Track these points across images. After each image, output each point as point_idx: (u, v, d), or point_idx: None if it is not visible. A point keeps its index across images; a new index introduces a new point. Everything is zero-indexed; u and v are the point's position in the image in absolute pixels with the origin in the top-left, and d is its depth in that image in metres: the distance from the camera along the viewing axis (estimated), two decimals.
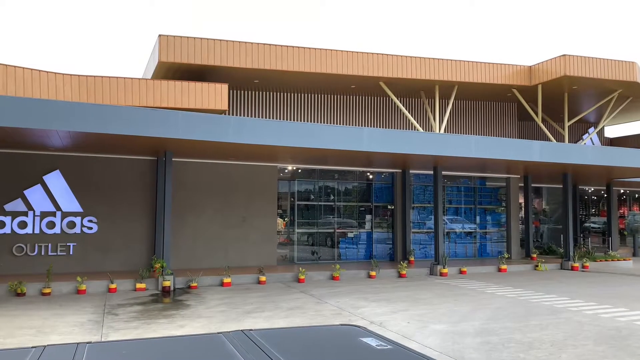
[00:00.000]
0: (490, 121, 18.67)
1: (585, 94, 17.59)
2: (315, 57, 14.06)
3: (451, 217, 18.15)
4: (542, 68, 15.94)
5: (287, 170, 15.65)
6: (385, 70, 14.70)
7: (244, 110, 15.64)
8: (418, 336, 7.00)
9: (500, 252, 17.78)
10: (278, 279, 12.60)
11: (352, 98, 16.87)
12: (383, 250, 16.87)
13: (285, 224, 15.98)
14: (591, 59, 15.54)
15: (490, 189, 18.76)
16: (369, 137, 11.55)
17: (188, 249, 13.51)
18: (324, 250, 16.11)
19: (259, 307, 9.09)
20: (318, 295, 10.40)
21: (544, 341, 6.79)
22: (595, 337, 7.06)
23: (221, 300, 9.80)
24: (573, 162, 13.83)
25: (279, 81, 14.95)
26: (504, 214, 18.55)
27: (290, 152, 12.25)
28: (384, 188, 17.05)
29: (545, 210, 22.52)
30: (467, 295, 10.78)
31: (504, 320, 8.09)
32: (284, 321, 7.89)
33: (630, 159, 14.57)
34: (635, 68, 16.16)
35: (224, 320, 7.95)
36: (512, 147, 13.21)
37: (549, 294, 10.95)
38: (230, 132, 10.17)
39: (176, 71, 13.80)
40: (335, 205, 16.36)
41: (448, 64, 15.31)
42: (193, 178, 13.79)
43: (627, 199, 25.01)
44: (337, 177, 16.47)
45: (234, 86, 15.20)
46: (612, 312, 8.87)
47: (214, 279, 11.95)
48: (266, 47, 13.62)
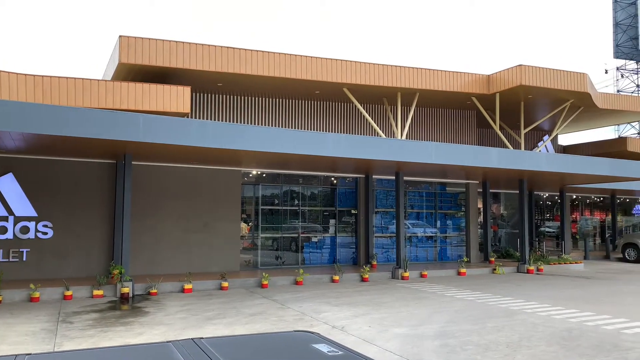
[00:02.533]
0: (451, 128, 19.13)
1: (540, 103, 18.26)
2: (280, 61, 14.07)
3: (413, 221, 18.47)
4: (500, 77, 16.46)
5: (251, 174, 15.56)
6: (349, 77, 14.85)
7: (207, 113, 15.47)
8: (379, 340, 7.09)
9: (459, 255, 18.18)
10: (241, 284, 12.49)
11: (316, 103, 16.96)
12: (347, 254, 16.98)
13: (250, 229, 15.88)
14: (545, 69, 16.14)
15: (450, 194, 19.19)
16: (333, 142, 11.64)
17: (149, 255, 13.23)
18: (288, 254, 16.09)
19: (220, 314, 8.99)
20: (281, 301, 10.38)
21: (500, 343, 6.99)
22: (548, 338, 7.32)
23: (181, 307, 9.64)
24: (528, 168, 14.32)
25: (243, 85, 14.87)
26: (464, 219, 19.01)
27: (254, 156, 12.19)
28: (348, 193, 17.19)
29: (503, 215, 23.21)
30: (428, 298, 10.98)
31: (462, 323, 8.28)
32: (244, 327, 7.83)
33: (582, 166, 15.20)
34: (586, 79, 16.89)
35: (184, 327, 7.82)
36: (470, 154, 13.56)
37: (505, 296, 11.28)
38: (193, 135, 10.05)
39: (137, 73, 13.53)
40: (299, 209, 16.37)
41: (410, 72, 15.60)
42: (154, 182, 13.53)
43: (579, 205, 26.05)
44: (301, 181, 16.50)
45: (197, 89, 15.02)
46: (564, 314, 9.22)
47: (175, 285, 11.74)
48: (230, 50, 13.53)
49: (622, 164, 15.80)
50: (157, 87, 12.48)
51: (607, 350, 6.67)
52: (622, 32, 41.95)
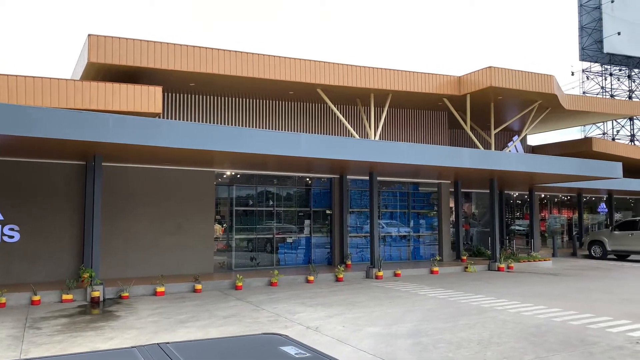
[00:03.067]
0: (423, 129, 19.37)
1: (510, 104, 18.66)
2: (253, 62, 14.00)
3: (387, 221, 18.63)
4: (470, 79, 16.76)
5: (225, 175, 15.44)
6: (323, 78, 14.89)
7: (179, 114, 15.29)
8: (353, 340, 7.13)
9: (432, 254, 18.43)
10: (215, 286, 12.39)
11: (290, 104, 16.94)
12: (321, 254, 17.02)
13: (224, 230, 15.76)
14: (514, 71, 16.51)
15: (423, 194, 19.44)
16: (307, 143, 11.65)
17: (120, 258, 13.00)
18: (263, 256, 16.03)
19: (193, 316, 8.90)
20: (255, 302, 10.33)
21: (471, 340, 7.12)
22: (518, 334, 7.48)
23: (154, 310, 9.51)
24: (499, 168, 14.62)
25: (216, 85, 14.75)
26: (436, 218, 19.27)
27: (227, 157, 12.12)
28: (323, 193, 17.22)
29: (474, 214, 23.62)
30: (401, 297, 11.09)
31: (435, 321, 8.40)
32: (218, 330, 7.78)
33: (550, 165, 15.60)
34: (553, 81, 17.33)
35: (156, 331, 7.72)
36: (442, 154, 13.77)
37: (477, 294, 11.48)
38: (164, 136, 9.92)
39: (107, 72, 13.28)
40: (274, 210, 16.33)
41: (382, 73, 15.73)
42: (125, 183, 13.31)
43: (548, 203, 26.72)
44: (276, 182, 16.46)
45: (169, 89, 14.83)
46: (533, 310, 9.44)
47: (147, 288, 11.57)
48: (202, 50, 13.40)
49: (587, 164, 16.27)
50: (127, 87, 12.27)
51: (573, 345, 6.86)
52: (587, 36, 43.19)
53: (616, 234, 20.82)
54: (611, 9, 41.91)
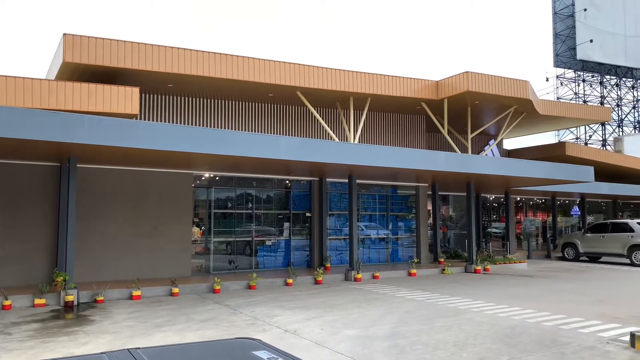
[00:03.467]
0: (401, 132, 19.54)
1: (486, 109, 18.95)
2: (232, 63, 13.93)
3: (366, 223, 18.73)
4: (448, 83, 16.98)
5: (203, 177, 15.33)
6: (302, 81, 14.89)
7: (157, 115, 15.12)
8: (331, 342, 7.15)
9: (410, 256, 18.58)
10: (192, 290, 12.27)
11: (270, 106, 16.91)
12: (301, 257, 17.01)
13: (202, 233, 15.62)
14: (490, 76, 16.79)
15: (401, 196, 19.60)
16: (286, 145, 11.65)
17: (95, 261, 12.78)
18: (242, 259, 15.93)
19: (170, 320, 8.80)
20: (233, 306, 10.27)
21: (448, 342, 7.21)
22: (493, 335, 7.60)
23: (129, 314, 9.37)
24: (475, 171, 14.85)
25: (195, 86, 14.63)
26: (414, 221, 19.45)
27: (205, 159, 12.03)
28: (302, 196, 17.22)
29: (451, 216, 23.91)
30: (379, 299, 11.16)
31: (412, 323, 8.48)
32: (195, 334, 7.71)
33: (525, 169, 15.90)
34: (528, 86, 17.68)
35: (131, 335, 7.61)
36: (420, 157, 13.91)
37: (454, 296, 11.62)
38: (141, 137, 9.80)
39: (83, 73, 13.05)
40: (253, 213, 16.26)
41: (362, 77, 15.83)
42: (101, 185, 13.10)
43: (523, 206, 27.21)
44: (255, 184, 16.40)
45: (147, 90, 14.65)
46: (508, 312, 9.60)
47: (123, 291, 11.39)
48: (180, 51, 13.28)
49: (561, 168, 16.64)
50: (103, 87, 12.09)
51: (546, 345, 7.00)
52: (562, 43, 44.19)
53: (588, 236, 21.30)
54: (584, 17, 42.97)
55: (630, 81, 47.39)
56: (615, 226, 20.50)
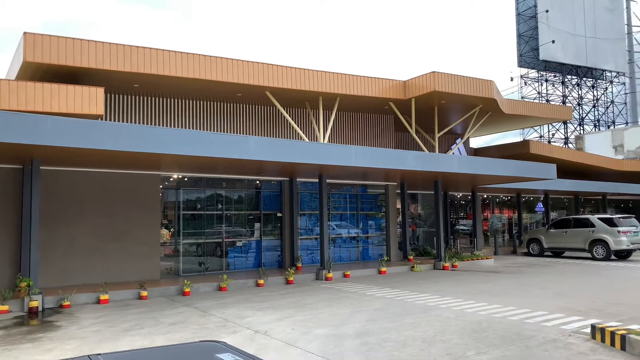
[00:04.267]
0: (370, 132, 19.72)
1: (452, 108, 19.31)
2: (200, 63, 13.78)
3: (337, 222, 18.83)
4: (415, 83, 17.22)
5: (172, 178, 15.13)
6: (271, 80, 14.85)
7: (123, 115, 14.83)
8: (301, 342, 7.18)
9: (381, 254, 18.79)
10: (161, 293, 12.11)
11: (238, 106, 16.80)
12: (272, 257, 16.97)
13: (171, 235, 15.42)
14: (456, 76, 17.11)
15: (371, 195, 19.79)
16: (256, 145, 11.60)
17: (60, 265, 12.47)
18: (212, 260, 15.80)
19: (138, 324, 8.67)
20: (203, 308, 10.19)
21: (416, 338, 7.33)
22: (461, 331, 7.77)
23: (96, 319, 9.19)
24: (442, 170, 15.11)
25: (161, 86, 14.41)
26: (384, 219, 19.66)
27: (173, 160, 11.88)
28: (273, 196, 17.19)
29: (420, 214, 24.26)
30: (350, 298, 11.25)
31: (382, 321, 8.59)
32: (164, 337, 7.62)
33: (490, 167, 16.27)
34: (493, 86, 18.10)
35: (99, 341, 7.47)
36: (388, 157, 14.08)
37: (422, 293, 11.81)
38: (106, 138, 9.61)
39: (45, 72, 12.69)
40: (223, 214, 16.14)
41: (330, 77, 15.89)
42: (66, 187, 12.78)
43: (490, 203, 27.83)
44: (225, 185, 16.28)
45: (112, 90, 14.36)
46: (475, 307, 9.82)
47: (90, 296, 11.16)
48: (146, 50, 13.06)
49: (525, 166, 17.10)
50: (67, 87, 11.78)
51: (511, 339, 7.20)
52: (525, 43, 45.36)
53: (552, 232, 21.96)
54: (546, 18, 44.22)
55: (590, 81, 49.03)
56: (578, 222, 21.19)
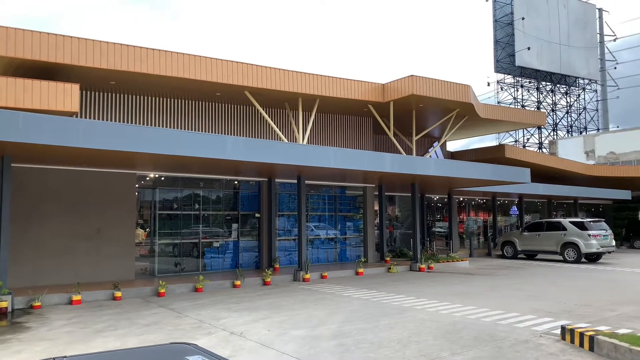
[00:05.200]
0: (349, 134, 19.81)
1: (430, 111, 19.53)
2: (178, 61, 13.65)
3: (315, 223, 18.85)
4: (393, 86, 17.36)
5: (148, 178, 14.93)
6: (251, 80, 14.79)
7: (99, 113, 14.58)
8: (277, 343, 7.16)
9: (358, 256, 18.88)
10: (136, 293, 11.94)
11: (217, 105, 16.68)
12: (249, 258, 16.89)
13: (147, 235, 15.21)
14: (434, 80, 17.31)
15: (349, 197, 19.87)
16: (233, 145, 11.53)
17: (31, 265, 12.19)
18: (189, 261, 15.63)
19: (111, 325, 8.53)
20: (178, 309, 10.08)
21: (392, 339, 7.39)
22: (435, 332, 7.86)
23: (68, 320, 9.01)
24: (419, 173, 15.27)
25: (139, 84, 14.22)
26: (362, 221, 19.76)
27: (149, 159, 11.73)
28: (251, 196, 17.11)
29: (398, 216, 24.45)
30: (326, 299, 11.27)
31: (358, 322, 8.63)
32: (138, 338, 7.51)
33: (466, 170, 16.51)
34: (469, 91, 18.37)
35: (70, 342, 7.32)
36: (366, 159, 14.16)
37: (398, 294, 11.91)
38: (80, 136, 9.43)
39: (18, 68, 12.40)
40: (200, 214, 15.99)
41: (310, 78, 15.91)
42: (38, 186, 12.50)
43: (466, 206, 28.21)
44: (202, 185, 16.13)
45: (87, 87, 14.11)
46: (450, 308, 9.95)
47: (62, 296, 10.93)
48: (123, 47, 12.87)
49: (500, 169, 17.39)
50: (40, 83, 11.53)
51: (485, 340, 7.32)
52: (502, 49, 46.18)
53: (525, 234, 22.38)
54: (522, 26, 45.11)
55: (563, 87, 50.20)
56: (550, 225, 21.65)
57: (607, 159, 39.57)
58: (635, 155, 37.91)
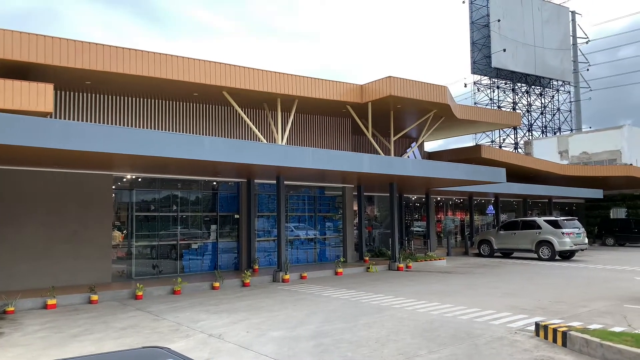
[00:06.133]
0: (328, 134, 19.87)
1: (408, 112, 19.70)
2: (155, 61, 13.50)
3: (295, 224, 18.85)
4: (371, 87, 17.48)
5: (125, 179, 14.73)
6: (229, 80, 14.71)
7: (74, 113, 14.32)
8: (256, 345, 7.16)
9: (337, 256, 18.95)
10: (113, 296, 11.78)
11: (195, 106, 16.55)
12: (228, 260, 16.80)
13: (124, 237, 15.01)
14: (411, 81, 17.48)
15: (328, 197, 19.93)
16: (211, 146, 11.46)
17: (6, 269, 11.95)
18: (167, 263, 15.47)
19: (87, 329, 8.41)
20: (156, 312, 9.98)
21: (370, 338, 7.45)
22: (413, 330, 7.95)
23: (43, 325, 8.84)
24: (397, 173, 15.41)
25: (115, 84, 14.02)
26: (341, 221, 19.84)
27: (125, 160, 11.58)
28: (230, 197, 17.03)
29: (376, 216, 24.61)
30: (306, 299, 11.30)
31: (337, 322, 8.67)
32: (115, 342, 7.42)
33: (443, 170, 16.71)
34: (446, 92, 18.60)
35: (45, 347, 7.20)
36: (345, 159, 14.22)
37: (377, 293, 12.00)
38: (55, 137, 9.27)
39: None
40: (178, 215, 15.84)
41: (288, 78, 15.90)
42: (12, 187, 12.25)
43: (443, 206, 28.56)
44: (180, 186, 15.99)
45: (62, 87, 13.85)
46: (427, 307, 10.07)
47: (36, 301, 10.72)
48: (99, 47, 12.68)
49: (476, 169, 17.66)
50: (13, 83, 11.27)
51: (461, 338, 7.44)
52: (478, 51, 46.83)
53: (501, 233, 22.76)
54: (498, 28, 45.82)
55: (538, 89, 51.17)
56: (525, 224, 22.06)
57: (580, 159, 40.50)
58: (607, 155, 38.91)
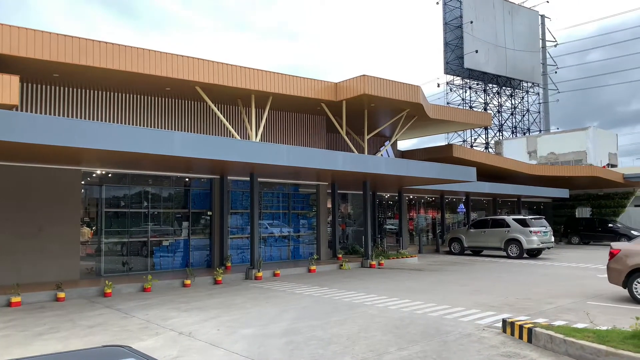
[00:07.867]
0: (303, 132, 19.84)
1: (381, 111, 19.84)
2: (125, 54, 13.22)
3: (269, 221, 18.78)
4: (346, 86, 17.53)
5: (94, 174, 14.41)
6: (202, 75, 14.53)
7: (41, 106, 13.92)
8: (226, 343, 7.11)
9: (311, 253, 18.97)
10: (80, 294, 11.53)
11: (167, 100, 16.29)
12: (200, 257, 16.63)
13: (93, 233, 14.69)
14: (385, 80, 17.60)
15: (302, 195, 19.92)
16: (181, 141, 11.28)
17: None
18: (137, 260, 15.22)
19: (53, 328, 8.21)
20: (125, 310, 9.81)
21: (341, 336, 7.49)
22: (384, 327, 8.03)
23: (6, 323, 8.59)
24: (370, 171, 15.51)
25: (84, 77, 13.68)
26: (315, 218, 19.86)
27: (93, 154, 11.32)
28: (202, 194, 16.84)
29: (350, 214, 24.74)
30: (278, 297, 11.28)
31: (308, 319, 8.69)
32: (82, 341, 7.27)
33: (415, 169, 16.90)
34: (419, 91, 18.80)
35: (7, 346, 6.99)
36: (319, 157, 14.24)
37: (349, 290, 12.07)
38: (19, 130, 8.99)
39: None
40: (149, 212, 15.59)
41: (263, 75, 15.80)
42: None
43: (416, 204, 28.89)
44: (151, 182, 15.73)
45: (28, 79, 13.45)
46: (398, 304, 10.18)
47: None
48: (67, 38, 12.34)
49: (447, 168, 17.92)
50: None
51: (431, 335, 7.54)
52: (451, 51, 47.47)
53: (472, 231, 23.16)
54: (471, 29, 46.53)
55: (509, 90, 52.20)
56: (495, 222, 22.50)
57: (548, 159, 41.54)
58: (573, 156, 40.02)
